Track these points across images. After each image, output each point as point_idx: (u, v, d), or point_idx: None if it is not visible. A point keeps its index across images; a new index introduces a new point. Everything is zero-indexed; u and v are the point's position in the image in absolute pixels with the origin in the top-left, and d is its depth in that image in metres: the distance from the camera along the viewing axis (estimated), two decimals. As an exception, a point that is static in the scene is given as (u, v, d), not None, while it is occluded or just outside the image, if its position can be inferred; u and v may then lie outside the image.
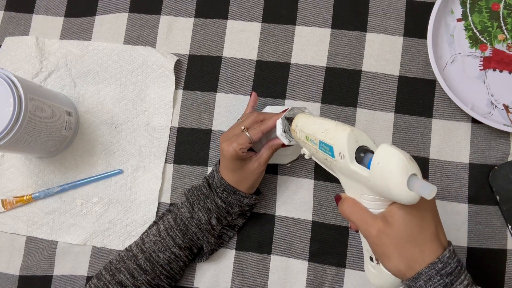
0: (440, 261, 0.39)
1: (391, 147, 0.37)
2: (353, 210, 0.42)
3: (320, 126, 0.45)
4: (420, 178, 0.36)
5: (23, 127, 0.52)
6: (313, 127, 0.46)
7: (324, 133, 0.43)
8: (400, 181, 0.35)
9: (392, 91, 0.63)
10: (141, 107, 0.65)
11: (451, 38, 0.63)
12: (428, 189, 0.34)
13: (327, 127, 0.43)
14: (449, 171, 0.60)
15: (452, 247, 0.40)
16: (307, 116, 0.48)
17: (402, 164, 0.35)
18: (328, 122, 0.44)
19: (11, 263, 0.63)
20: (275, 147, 0.53)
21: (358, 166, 0.39)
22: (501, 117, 0.60)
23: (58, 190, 0.64)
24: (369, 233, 0.40)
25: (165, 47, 0.67)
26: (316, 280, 0.59)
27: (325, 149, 0.43)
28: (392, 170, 0.35)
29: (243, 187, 0.55)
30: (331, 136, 0.42)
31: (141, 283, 0.54)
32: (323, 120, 0.45)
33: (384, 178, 0.36)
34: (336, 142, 0.41)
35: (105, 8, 0.69)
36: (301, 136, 0.48)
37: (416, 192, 0.35)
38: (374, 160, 0.37)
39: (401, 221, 0.39)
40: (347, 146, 0.40)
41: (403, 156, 0.36)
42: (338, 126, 0.42)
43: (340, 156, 0.40)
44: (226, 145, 0.52)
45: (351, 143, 0.40)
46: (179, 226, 0.56)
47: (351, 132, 0.40)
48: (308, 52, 0.64)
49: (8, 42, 0.69)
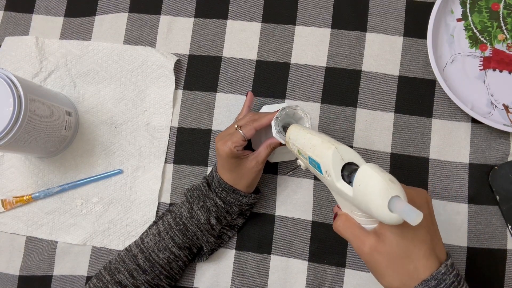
0: (434, 278, 0.37)
1: (371, 168, 0.36)
2: (345, 226, 0.41)
3: (308, 141, 0.44)
4: (403, 200, 0.34)
5: (22, 127, 0.52)
6: (302, 141, 0.45)
7: (312, 149, 0.43)
8: (380, 204, 0.34)
9: (392, 91, 0.63)
10: (141, 107, 0.65)
11: (451, 38, 0.63)
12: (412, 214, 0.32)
13: (313, 143, 0.43)
14: (449, 171, 0.60)
15: (450, 261, 0.39)
16: (297, 129, 0.48)
17: (381, 187, 0.34)
18: (315, 138, 0.43)
19: (11, 263, 0.63)
20: (273, 145, 0.53)
21: (343, 185, 0.39)
22: (501, 117, 0.60)
23: (58, 190, 0.64)
24: (361, 250, 0.39)
25: (165, 47, 0.67)
26: (316, 280, 0.59)
27: (314, 165, 0.42)
28: (372, 192, 0.34)
29: (241, 186, 0.55)
30: (317, 153, 0.41)
31: (140, 283, 0.54)
32: (311, 135, 0.44)
33: (365, 201, 0.35)
34: (322, 160, 0.40)
35: (105, 8, 0.69)
36: (293, 149, 0.48)
37: (398, 215, 0.34)
38: (355, 182, 0.36)
39: (393, 238, 0.38)
40: (331, 165, 0.39)
41: (382, 178, 0.35)
42: (324, 143, 0.41)
43: (327, 174, 0.40)
44: (221, 144, 0.52)
45: (336, 161, 0.39)
46: (179, 226, 0.56)
47: (335, 150, 0.39)
48: (308, 52, 0.64)
49: (8, 42, 0.69)
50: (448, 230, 0.59)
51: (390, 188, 0.34)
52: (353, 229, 0.40)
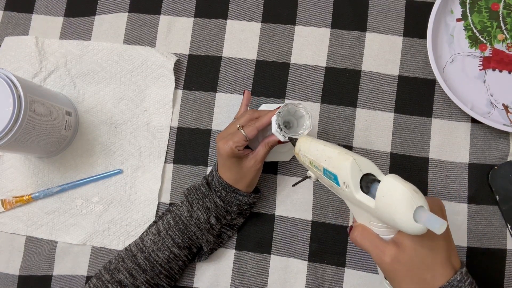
0: (450, 284, 0.38)
1: (395, 179, 0.36)
2: (363, 237, 0.41)
3: (322, 153, 0.43)
4: (427, 210, 0.35)
5: (22, 127, 0.52)
6: (316, 153, 0.45)
7: (327, 161, 0.42)
8: (405, 215, 0.34)
9: (392, 91, 0.63)
10: (141, 107, 0.65)
11: (450, 38, 0.63)
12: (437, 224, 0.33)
13: (329, 155, 0.42)
14: (449, 171, 0.60)
15: (465, 269, 0.40)
16: (309, 140, 0.47)
17: (407, 197, 0.35)
18: (330, 149, 0.43)
19: (11, 263, 0.63)
20: (271, 144, 0.53)
21: (363, 196, 0.39)
22: (501, 117, 0.60)
23: (57, 190, 0.64)
24: (381, 260, 0.40)
25: (165, 47, 0.67)
26: (315, 280, 0.59)
27: (330, 177, 0.42)
28: (397, 204, 0.35)
29: (241, 186, 0.55)
30: (334, 165, 0.41)
31: (140, 282, 0.54)
32: (325, 146, 0.44)
33: (389, 212, 0.36)
34: (340, 171, 0.40)
35: (105, 8, 0.69)
36: (305, 160, 0.47)
37: (423, 225, 0.34)
38: (378, 193, 0.37)
39: (412, 247, 0.39)
40: (350, 176, 0.39)
41: (407, 189, 0.35)
42: (341, 155, 0.41)
43: (345, 185, 0.40)
44: (222, 144, 0.52)
45: (355, 172, 0.39)
46: (178, 226, 0.56)
47: (353, 162, 0.39)
48: (308, 52, 0.64)
49: (7, 42, 0.69)
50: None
51: (415, 199, 0.35)
52: (372, 239, 0.41)
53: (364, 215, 0.41)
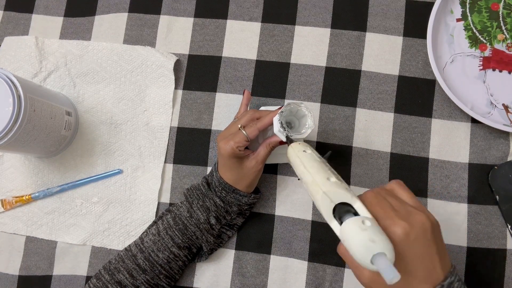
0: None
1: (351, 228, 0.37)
2: (346, 255, 0.42)
3: (302, 174, 0.44)
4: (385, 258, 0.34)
5: (22, 127, 0.52)
6: (298, 171, 0.45)
7: (306, 185, 0.43)
8: (363, 261, 0.35)
9: (392, 91, 0.63)
10: (141, 107, 0.65)
11: (450, 38, 0.63)
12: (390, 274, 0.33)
13: (305, 180, 0.43)
14: (449, 171, 0.60)
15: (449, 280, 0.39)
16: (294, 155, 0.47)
17: (362, 247, 0.35)
18: (306, 174, 0.43)
19: (11, 263, 0.63)
20: (273, 144, 0.53)
21: (336, 226, 0.39)
22: (501, 117, 0.60)
23: (57, 190, 0.64)
24: (360, 280, 0.41)
25: (165, 47, 0.67)
26: (315, 280, 0.59)
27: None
28: (354, 251, 0.36)
29: (241, 186, 0.55)
30: (310, 191, 0.42)
31: (140, 282, 0.54)
32: (304, 169, 0.44)
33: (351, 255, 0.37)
34: (313, 198, 0.41)
35: (105, 8, 0.68)
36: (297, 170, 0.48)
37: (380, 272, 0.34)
38: (340, 238, 0.38)
39: None
40: (321, 208, 0.40)
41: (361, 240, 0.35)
42: (313, 185, 0.41)
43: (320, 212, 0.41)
44: (223, 144, 0.52)
45: (325, 205, 0.40)
46: (178, 226, 0.56)
47: (323, 195, 0.40)
48: (308, 52, 0.64)
49: (7, 42, 0.69)
50: (447, 230, 0.59)
51: (371, 248, 0.35)
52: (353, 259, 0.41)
53: None
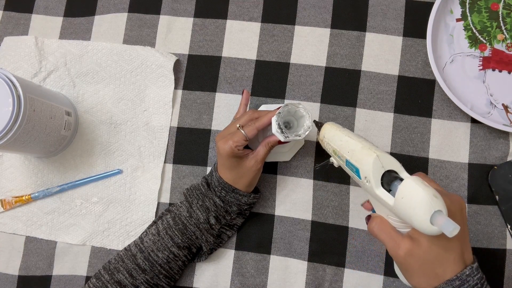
0: (458, 278, 0.39)
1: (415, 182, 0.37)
2: (380, 228, 0.42)
3: (346, 144, 0.44)
4: (444, 215, 0.35)
5: (22, 127, 0.52)
6: (339, 143, 0.45)
7: (350, 153, 0.43)
8: (423, 218, 0.35)
9: (392, 91, 0.63)
10: (141, 107, 0.65)
11: (450, 38, 0.63)
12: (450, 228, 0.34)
13: (352, 148, 0.43)
14: (449, 171, 0.60)
15: (476, 265, 0.41)
16: (334, 129, 0.48)
17: (425, 202, 0.35)
18: (354, 142, 0.43)
19: (10, 263, 0.63)
20: (272, 144, 0.53)
21: (383, 193, 0.39)
22: (500, 117, 0.60)
23: (57, 190, 0.64)
24: (396, 253, 0.41)
25: (164, 47, 0.67)
26: (315, 280, 0.59)
27: (352, 169, 0.43)
28: (415, 207, 0.36)
29: (241, 185, 0.55)
30: (357, 159, 0.41)
31: (139, 282, 0.54)
32: (349, 138, 0.44)
33: (407, 213, 0.36)
34: (362, 166, 0.41)
35: (104, 8, 0.68)
36: (328, 148, 0.48)
37: (438, 228, 0.35)
38: (398, 194, 0.37)
39: (427, 244, 0.39)
40: (372, 172, 0.39)
41: (427, 194, 0.36)
42: (364, 150, 0.41)
43: (366, 180, 0.40)
44: (221, 143, 0.52)
45: (377, 169, 0.39)
46: (178, 226, 0.56)
47: (376, 158, 0.39)
48: (308, 52, 0.64)
49: (7, 42, 0.69)
50: (447, 230, 0.59)
51: (434, 203, 0.35)
52: (389, 232, 0.42)
53: (383, 208, 0.42)
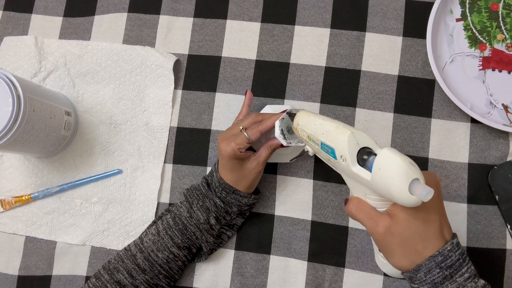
0: (440, 254, 0.39)
1: (391, 152, 0.37)
2: (358, 209, 0.42)
3: (320, 127, 0.44)
4: (422, 183, 0.36)
5: (21, 127, 0.52)
6: (314, 127, 0.45)
7: (325, 135, 0.43)
8: (401, 187, 0.35)
9: (392, 91, 0.63)
10: (140, 107, 0.65)
11: (450, 38, 0.63)
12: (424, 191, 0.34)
13: (327, 129, 0.43)
14: (448, 171, 0.60)
15: (456, 240, 0.41)
16: (307, 115, 0.48)
17: (403, 170, 0.35)
18: (328, 123, 0.43)
19: (10, 263, 0.63)
20: (274, 146, 0.53)
21: (360, 169, 0.39)
22: (500, 117, 0.60)
23: (57, 190, 0.64)
24: (375, 231, 0.41)
25: (164, 47, 0.67)
26: (315, 280, 0.59)
27: (327, 151, 0.43)
28: (393, 176, 0.36)
29: (241, 187, 0.55)
30: (332, 139, 0.42)
31: (139, 282, 0.54)
32: (323, 121, 0.44)
33: (385, 184, 0.36)
34: (337, 145, 0.41)
35: (104, 8, 0.68)
36: (303, 135, 0.48)
37: (417, 197, 0.35)
38: (375, 166, 0.37)
39: (405, 219, 0.40)
40: (347, 150, 0.39)
41: (403, 162, 0.36)
42: (338, 129, 0.41)
43: (342, 159, 0.40)
44: (224, 145, 0.52)
45: (352, 146, 0.40)
46: (178, 226, 0.56)
47: (351, 135, 0.39)
48: (308, 52, 0.64)
49: (7, 42, 0.69)
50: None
51: (411, 171, 0.35)
52: (367, 211, 0.42)
53: (360, 188, 0.42)
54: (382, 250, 0.43)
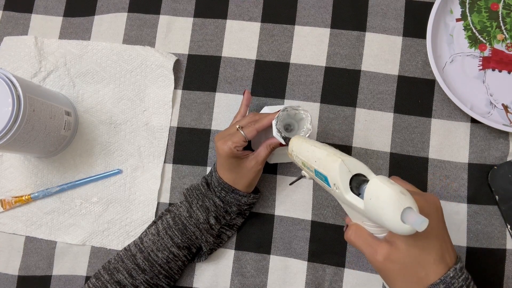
0: (442, 282, 0.38)
1: (381, 181, 0.36)
2: (357, 235, 0.41)
3: (312, 154, 0.43)
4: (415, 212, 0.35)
5: (21, 127, 0.52)
6: (306, 154, 0.45)
7: (317, 163, 0.42)
8: (393, 216, 0.34)
9: (392, 91, 0.63)
10: (140, 107, 0.65)
11: (450, 38, 0.63)
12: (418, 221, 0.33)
13: (319, 157, 0.42)
14: (448, 171, 0.60)
15: (460, 265, 0.40)
16: (300, 141, 0.47)
17: (393, 200, 0.35)
18: (319, 151, 0.43)
19: (10, 263, 0.63)
20: (273, 145, 0.53)
21: (353, 197, 0.39)
22: (500, 117, 0.60)
23: (57, 190, 0.64)
24: (374, 259, 0.40)
25: (164, 46, 0.67)
26: (315, 280, 0.59)
27: (321, 178, 0.42)
28: (383, 206, 0.35)
29: (240, 186, 0.55)
30: (323, 167, 0.41)
31: (139, 282, 0.54)
32: (315, 147, 0.44)
33: (378, 214, 0.36)
34: (329, 173, 0.40)
35: (104, 8, 0.68)
36: (298, 161, 0.47)
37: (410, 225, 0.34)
38: (366, 195, 0.37)
39: (405, 246, 0.39)
40: (339, 178, 0.39)
41: (393, 191, 0.35)
42: (329, 157, 0.41)
43: (335, 186, 0.40)
44: (221, 144, 0.52)
45: (344, 174, 0.39)
46: (178, 226, 0.56)
47: (341, 163, 0.39)
48: (308, 52, 0.64)
49: (7, 42, 0.69)
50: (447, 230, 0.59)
51: (402, 200, 0.35)
52: (365, 239, 0.41)
53: (356, 215, 0.41)
54: (383, 278, 0.42)
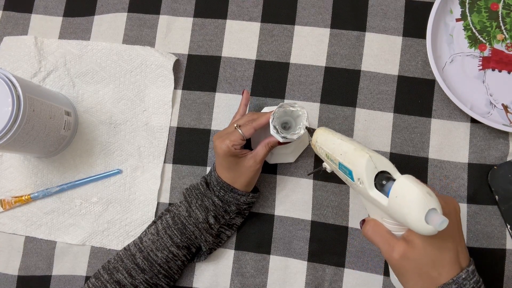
0: (454, 282, 0.39)
1: (409, 180, 0.36)
2: (374, 231, 0.42)
3: (339, 147, 0.43)
4: (438, 213, 0.35)
5: (21, 127, 0.52)
6: (332, 147, 0.45)
7: (343, 156, 0.42)
8: (418, 217, 0.35)
9: (391, 91, 0.63)
10: (140, 107, 0.65)
11: (450, 38, 0.63)
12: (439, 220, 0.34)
13: (345, 150, 0.42)
14: (448, 171, 0.60)
15: (472, 267, 0.40)
16: (326, 133, 0.47)
17: (420, 200, 0.35)
18: (346, 144, 0.43)
19: (10, 263, 0.63)
20: (271, 144, 0.53)
21: (377, 193, 0.39)
22: (500, 117, 0.60)
23: (57, 190, 0.64)
24: (390, 255, 0.40)
25: (164, 46, 0.67)
26: (315, 280, 0.59)
27: (345, 171, 0.42)
28: (410, 206, 0.35)
29: (239, 185, 0.55)
30: (350, 161, 0.41)
31: (139, 282, 0.54)
32: (342, 141, 0.44)
33: (402, 212, 0.36)
34: (355, 167, 0.40)
35: (104, 8, 0.68)
36: (321, 152, 0.47)
37: (433, 227, 0.35)
38: (392, 193, 0.37)
39: (421, 246, 0.39)
40: (365, 173, 0.39)
41: (421, 192, 0.35)
42: (357, 151, 0.41)
43: (360, 181, 0.40)
44: (219, 142, 0.52)
45: (370, 169, 0.39)
46: (177, 225, 0.56)
47: (369, 159, 0.39)
48: (307, 52, 0.64)
49: (6, 42, 0.69)
50: (447, 230, 0.59)
51: (428, 201, 0.35)
52: (383, 234, 0.41)
53: (376, 211, 0.42)
54: (396, 274, 0.42)
